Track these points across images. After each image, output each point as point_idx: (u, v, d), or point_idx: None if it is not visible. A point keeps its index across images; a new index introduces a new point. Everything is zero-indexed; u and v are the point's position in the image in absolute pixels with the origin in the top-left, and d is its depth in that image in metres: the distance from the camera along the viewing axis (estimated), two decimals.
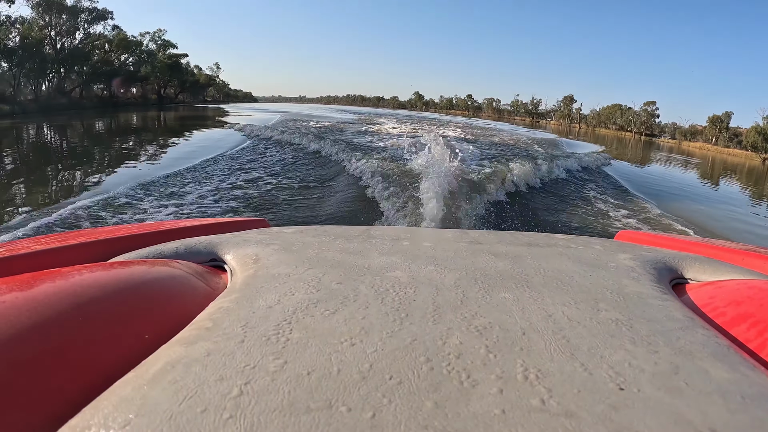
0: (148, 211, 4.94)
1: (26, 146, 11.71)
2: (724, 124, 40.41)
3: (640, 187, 9.21)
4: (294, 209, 5.32)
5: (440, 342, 0.40)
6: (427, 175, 5.37)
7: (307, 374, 0.34)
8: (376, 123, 16.63)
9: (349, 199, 5.69)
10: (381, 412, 0.30)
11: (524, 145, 12.87)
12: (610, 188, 8.44)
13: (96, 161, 9.46)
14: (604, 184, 8.77)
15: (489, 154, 9.24)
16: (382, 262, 0.64)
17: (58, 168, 8.29)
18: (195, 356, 0.37)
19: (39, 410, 0.32)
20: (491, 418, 0.30)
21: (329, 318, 0.44)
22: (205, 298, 0.53)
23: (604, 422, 0.30)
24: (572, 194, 7.37)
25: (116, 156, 9.98)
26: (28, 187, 6.52)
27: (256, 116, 21.93)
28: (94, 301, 0.45)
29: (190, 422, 0.29)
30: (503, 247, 0.76)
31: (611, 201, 7.30)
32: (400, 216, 4.59)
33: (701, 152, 35.47)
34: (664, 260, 0.71)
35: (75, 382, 0.35)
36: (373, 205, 5.22)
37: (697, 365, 0.38)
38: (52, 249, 0.69)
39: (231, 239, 0.75)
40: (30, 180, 7.11)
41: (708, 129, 42.23)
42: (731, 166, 25.33)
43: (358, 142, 10.03)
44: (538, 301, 0.51)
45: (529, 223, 5.04)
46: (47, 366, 0.35)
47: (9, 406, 0.31)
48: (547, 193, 7.02)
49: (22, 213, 4.97)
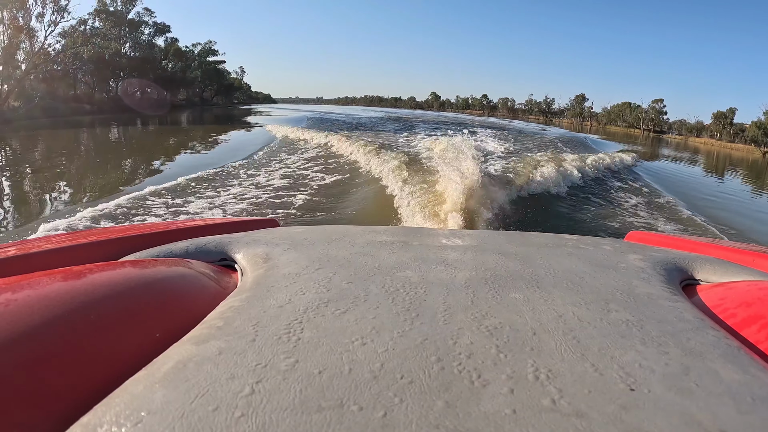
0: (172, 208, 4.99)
1: (107, 138, 15.04)
2: (728, 119, 42.77)
3: (650, 185, 9.03)
4: (305, 209, 5.27)
5: (451, 342, 0.40)
6: (441, 174, 5.34)
7: (318, 373, 0.34)
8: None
9: (361, 199, 5.70)
10: (392, 412, 0.30)
11: (543, 142, 13.39)
12: (620, 187, 8.30)
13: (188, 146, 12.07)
14: (615, 182, 8.67)
15: (505, 153, 9.40)
16: (392, 262, 0.64)
17: (133, 158, 9.99)
18: (206, 355, 0.36)
19: (52, 407, 0.32)
20: (502, 417, 0.30)
21: (340, 317, 0.45)
22: (216, 297, 0.53)
23: (614, 423, 0.30)
24: (582, 194, 7.23)
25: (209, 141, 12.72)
26: (113, 169, 8.26)
27: (290, 115, 24.00)
28: (105, 300, 0.45)
29: (201, 420, 0.29)
30: (513, 248, 0.75)
31: (622, 200, 7.17)
32: (412, 215, 4.57)
33: (706, 147, 37.40)
34: (675, 261, 0.70)
35: (87, 379, 0.35)
36: (385, 205, 5.20)
37: (707, 366, 0.37)
38: (64, 248, 0.70)
39: (241, 239, 0.75)
40: (117, 161, 9.28)
41: (713, 125, 44.60)
42: (733, 161, 25.97)
43: (378, 141, 10.02)
44: (548, 302, 0.51)
45: (540, 223, 4.96)
46: (60, 363, 0.35)
47: (23, 403, 0.31)
48: (558, 193, 6.87)
49: (90, 196, 5.73)
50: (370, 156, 7.67)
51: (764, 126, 36.55)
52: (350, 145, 9.12)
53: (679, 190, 9.12)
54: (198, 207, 5.18)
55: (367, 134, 12.60)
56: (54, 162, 9.05)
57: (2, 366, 0.33)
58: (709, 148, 36.43)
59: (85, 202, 5.48)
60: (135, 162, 9.60)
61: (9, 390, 0.31)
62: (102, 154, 11.02)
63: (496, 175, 6.44)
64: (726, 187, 12.61)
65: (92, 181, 7.36)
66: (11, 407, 0.31)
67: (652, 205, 7.07)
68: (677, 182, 10.99)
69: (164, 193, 5.58)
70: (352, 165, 7.76)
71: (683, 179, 12.44)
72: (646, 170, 11.63)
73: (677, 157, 21.27)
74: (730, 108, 42.89)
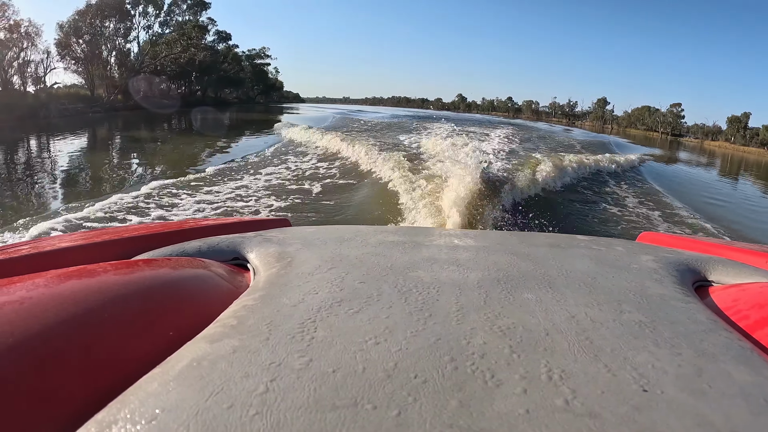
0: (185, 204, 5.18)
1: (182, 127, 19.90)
2: (742, 123, 45.15)
3: (664, 186, 9.10)
4: (316, 209, 5.28)
5: (464, 342, 0.40)
6: (453, 174, 5.30)
7: (332, 372, 0.34)
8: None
9: (372, 199, 5.70)
10: (406, 411, 0.30)
11: (556, 142, 13.73)
12: (633, 188, 8.30)
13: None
14: (628, 183, 8.67)
15: (518, 153, 9.40)
16: (404, 262, 0.64)
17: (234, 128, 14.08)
18: (221, 353, 0.37)
19: (67, 404, 0.32)
20: (516, 417, 0.30)
21: (353, 317, 0.45)
22: (229, 296, 0.53)
23: (627, 423, 0.30)
24: (594, 194, 7.26)
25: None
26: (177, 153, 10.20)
27: (325, 113, 26.48)
28: (119, 298, 0.46)
29: (216, 418, 0.29)
30: (525, 248, 0.75)
31: (633, 201, 7.16)
32: (423, 216, 4.56)
33: (720, 150, 39.42)
34: (687, 262, 0.70)
35: (102, 377, 0.35)
36: (396, 205, 5.20)
37: (720, 368, 0.37)
38: (78, 246, 0.71)
39: (253, 238, 0.76)
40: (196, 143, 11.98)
41: (728, 129, 47.03)
42: (746, 163, 26.86)
43: (388, 141, 10.22)
44: (561, 302, 0.51)
45: (551, 223, 4.94)
46: (74, 361, 0.35)
47: (37, 400, 0.31)
48: (570, 193, 6.93)
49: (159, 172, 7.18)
50: (383, 156, 7.64)
51: None
52: (365, 146, 9.12)
53: (689, 192, 9.34)
54: (227, 194, 5.81)
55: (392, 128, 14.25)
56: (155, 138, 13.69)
57: (18, 363, 0.33)
58: (724, 151, 38.40)
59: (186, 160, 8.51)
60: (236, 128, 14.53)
61: (25, 387, 0.31)
62: (198, 131, 16.80)
63: (505, 175, 6.43)
64: (739, 188, 13.36)
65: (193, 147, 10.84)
66: (27, 404, 0.31)
67: (662, 206, 7.09)
68: (689, 184, 11.23)
69: (223, 171, 6.96)
70: (364, 165, 7.72)
71: (695, 181, 12.79)
72: (661, 173, 11.88)
73: (691, 160, 22.26)
74: (745, 112, 45.29)
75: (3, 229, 4.08)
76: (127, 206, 4.88)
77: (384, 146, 9.04)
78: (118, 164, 8.98)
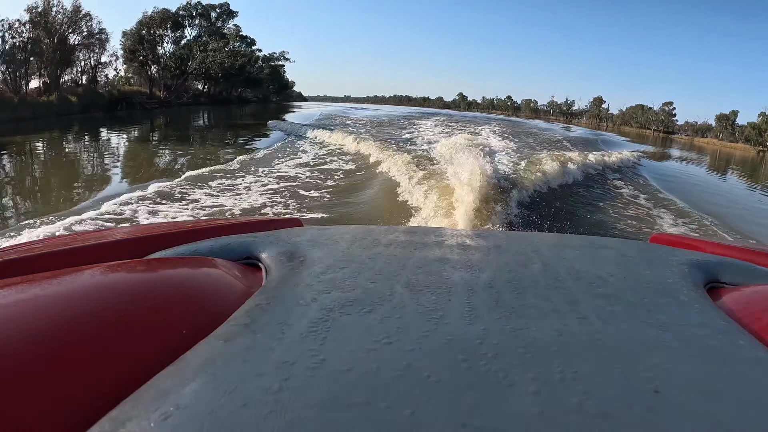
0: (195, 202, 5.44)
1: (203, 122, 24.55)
2: (730, 121, 48.30)
3: (671, 186, 9.14)
4: (327, 209, 5.31)
5: (477, 342, 0.40)
6: (461, 174, 5.23)
7: (346, 371, 0.34)
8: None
9: (382, 199, 5.72)
10: (420, 410, 0.30)
11: (562, 143, 14.03)
12: (644, 189, 8.32)
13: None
14: (638, 184, 8.68)
15: (526, 153, 9.41)
16: (416, 262, 0.64)
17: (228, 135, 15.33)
18: (234, 351, 0.37)
19: (81, 401, 0.32)
20: (529, 417, 0.30)
21: (365, 317, 0.45)
22: (241, 295, 0.53)
23: (640, 424, 0.30)
24: (606, 195, 7.25)
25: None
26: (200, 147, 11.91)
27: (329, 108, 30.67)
28: (133, 296, 0.46)
29: (231, 416, 0.29)
30: (537, 249, 0.75)
31: (646, 202, 7.18)
32: (434, 216, 4.54)
33: (709, 146, 42.21)
34: (700, 264, 0.69)
35: (115, 374, 0.35)
36: (406, 205, 5.20)
37: (733, 371, 0.37)
38: (90, 245, 0.71)
39: (265, 238, 0.76)
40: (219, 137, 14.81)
41: (716, 126, 50.14)
42: (730, 158, 28.91)
43: (396, 139, 10.16)
44: (573, 303, 0.50)
45: (563, 224, 4.88)
46: (87, 359, 0.36)
47: (50, 398, 0.31)
48: (581, 194, 6.90)
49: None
50: (388, 155, 7.68)
51: (758, 127, 42.46)
52: (369, 143, 9.39)
53: (690, 191, 9.40)
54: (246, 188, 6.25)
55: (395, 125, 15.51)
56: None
57: (32, 361, 0.33)
58: (713, 147, 41.31)
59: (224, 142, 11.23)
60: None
61: (39, 384, 0.32)
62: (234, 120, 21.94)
63: (515, 176, 6.39)
64: (743, 189, 14.00)
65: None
66: (42, 400, 0.31)
67: (672, 207, 7.10)
68: (690, 185, 11.30)
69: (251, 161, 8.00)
70: (374, 165, 7.77)
71: (696, 181, 13.00)
72: (661, 173, 12.02)
73: (683, 157, 23.13)
74: (733, 110, 48.55)
75: (60, 213, 4.87)
76: (162, 194, 5.67)
77: (398, 145, 9.44)
78: (175, 153, 11.05)
